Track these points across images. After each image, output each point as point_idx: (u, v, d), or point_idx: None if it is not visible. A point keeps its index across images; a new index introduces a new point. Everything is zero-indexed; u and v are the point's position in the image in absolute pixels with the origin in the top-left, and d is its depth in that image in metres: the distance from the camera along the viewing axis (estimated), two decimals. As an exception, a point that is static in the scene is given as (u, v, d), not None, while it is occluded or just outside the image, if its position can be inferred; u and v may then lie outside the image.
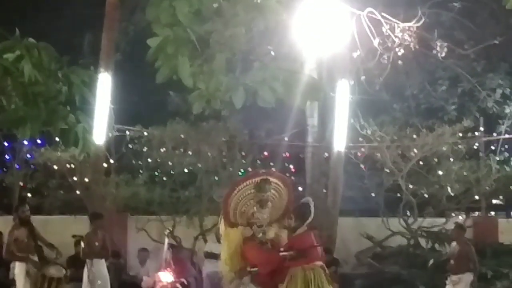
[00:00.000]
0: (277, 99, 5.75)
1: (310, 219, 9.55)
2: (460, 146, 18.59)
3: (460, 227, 15.52)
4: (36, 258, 12.93)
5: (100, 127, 16.19)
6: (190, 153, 18.66)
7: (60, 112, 5.90)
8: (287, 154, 21.08)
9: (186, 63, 5.93)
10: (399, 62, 15.59)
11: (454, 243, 15.04)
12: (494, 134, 19.81)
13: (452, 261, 14.78)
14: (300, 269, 9.35)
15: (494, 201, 21.57)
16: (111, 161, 18.95)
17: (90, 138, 6.18)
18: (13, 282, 13.79)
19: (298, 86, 6.11)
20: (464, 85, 20.54)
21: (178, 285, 11.52)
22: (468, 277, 14.58)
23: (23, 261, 12.68)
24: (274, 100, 5.67)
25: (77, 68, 6.21)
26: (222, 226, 9.71)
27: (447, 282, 14.84)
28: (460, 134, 18.42)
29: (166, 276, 11.47)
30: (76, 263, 14.62)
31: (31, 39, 6.16)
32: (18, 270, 12.68)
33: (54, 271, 13.05)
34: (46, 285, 12.60)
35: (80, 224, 17.21)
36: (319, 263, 9.58)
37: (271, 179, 9.64)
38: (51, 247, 13.45)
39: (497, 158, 18.94)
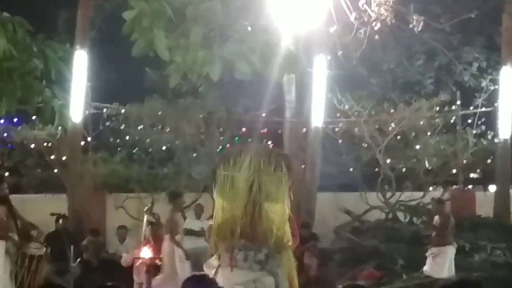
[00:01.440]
0: (254, 72, 5.73)
1: None
2: (437, 120, 18.67)
3: (438, 201, 15.63)
4: (15, 237, 12.86)
5: (77, 105, 16.14)
6: (168, 130, 18.63)
7: (36, 87, 5.87)
8: (265, 130, 21.07)
9: (162, 36, 5.91)
10: (376, 36, 15.64)
11: (437, 217, 15.15)
12: (471, 108, 19.89)
13: (433, 234, 14.88)
14: None
15: (471, 175, 21.65)
16: (89, 139, 18.87)
17: (67, 112, 6.15)
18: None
19: (275, 58, 6.09)
20: (440, 59, 20.62)
21: (157, 261, 11.47)
22: (450, 250, 14.67)
23: (2, 239, 12.59)
24: (251, 72, 5.65)
25: (52, 43, 6.17)
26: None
27: (427, 254, 14.92)
28: (437, 108, 18.51)
29: (146, 253, 11.44)
30: (55, 241, 14.56)
31: (5, 14, 6.10)
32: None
33: (34, 249, 13.00)
34: (27, 263, 12.55)
35: (58, 203, 17.18)
36: None
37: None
38: (31, 226, 13.37)
39: (474, 132, 19.04)
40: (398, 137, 18.78)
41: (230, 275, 9.29)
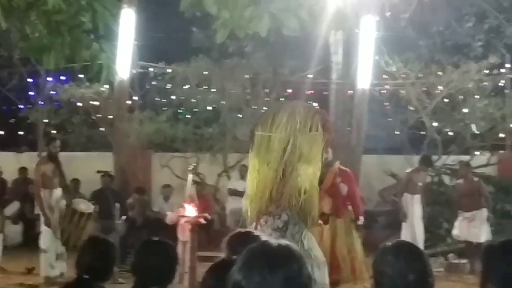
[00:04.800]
0: (302, 28, 5.66)
1: None
2: (485, 83, 18.38)
3: (466, 164, 15.49)
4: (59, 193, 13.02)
5: (124, 63, 16.22)
6: (213, 90, 18.63)
7: (84, 40, 5.86)
8: (311, 92, 20.94)
9: (210, -9, 5.86)
10: (425, -3, 15.40)
11: (460, 181, 15.03)
12: (520, 71, 19.62)
13: (462, 199, 14.76)
14: None
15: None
16: (135, 98, 18.97)
17: (114, 67, 6.13)
18: (38, 217, 13.93)
19: (323, 14, 6.01)
20: (490, 21, 20.28)
21: (201, 220, 11.50)
22: (483, 213, 14.55)
23: (48, 188, 12.75)
24: (299, 28, 5.58)
25: (100, -4, 6.14)
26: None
27: (458, 219, 14.81)
28: (486, 71, 18.19)
29: (190, 211, 11.47)
30: (100, 198, 14.70)
31: (53, -34, 6.08)
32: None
33: (84, 207, 13.17)
34: (76, 220, 12.71)
35: (104, 160, 17.32)
36: None
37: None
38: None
39: (523, 95, 18.77)
40: (446, 100, 18.54)
41: None
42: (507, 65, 20.21)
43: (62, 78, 20.05)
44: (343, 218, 11.10)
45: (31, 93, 20.82)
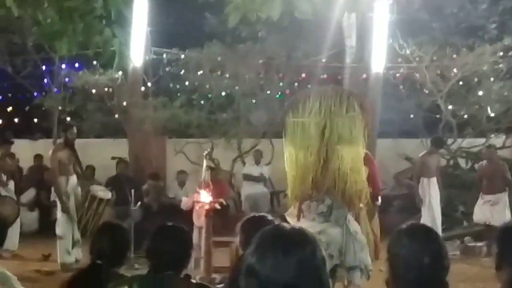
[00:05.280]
0: (315, 11, 5.63)
1: None
2: (501, 65, 18.25)
3: (491, 146, 15.45)
4: (75, 180, 13.08)
5: (137, 49, 16.22)
6: (227, 75, 18.62)
7: (96, 26, 5.85)
8: (325, 76, 20.88)
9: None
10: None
11: (484, 162, 14.97)
12: (536, 53, 19.45)
13: (484, 181, 14.71)
14: None
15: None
16: (149, 84, 18.95)
17: (127, 53, 6.13)
18: (54, 203, 14.00)
19: (336, -3, 6.00)
20: (505, 2, 20.13)
21: (216, 205, 11.51)
22: (506, 196, 14.52)
23: (64, 175, 12.81)
24: (312, 11, 5.55)
25: (112, -18, 6.13)
26: None
27: (480, 202, 14.77)
28: (501, 53, 18.08)
29: (205, 196, 11.48)
30: (116, 185, 14.75)
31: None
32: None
33: (103, 193, 13.24)
34: (95, 206, 12.79)
35: (119, 147, 17.36)
36: None
37: None
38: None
39: (539, 77, 18.63)
40: (460, 82, 18.47)
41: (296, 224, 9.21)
42: (522, 47, 20.07)
43: (76, 65, 20.08)
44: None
45: (45, 80, 20.84)
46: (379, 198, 11.24)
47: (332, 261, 8.74)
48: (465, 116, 18.71)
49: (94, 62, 17.96)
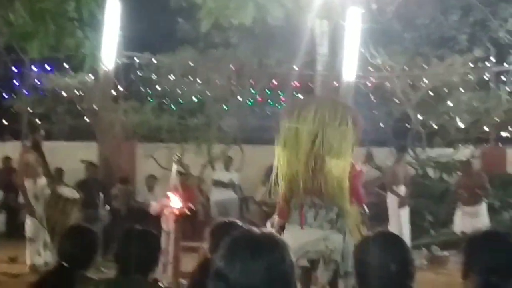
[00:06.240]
0: (287, 17, 5.65)
1: None
2: (470, 76, 18.45)
3: (464, 163, 15.58)
4: (43, 182, 13.00)
5: (109, 53, 16.16)
6: (199, 81, 18.61)
7: (68, 28, 5.83)
8: (297, 83, 20.95)
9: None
10: (411, -10, 15.40)
11: (463, 174, 15.10)
12: (505, 65, 19.65)
13: (463, 193, 14.82)
14: None
15: (503, 133, 21.42)
16: (120, 88, 18.91)
17: (98, 55, 6.11)
18: (22, 206, 13.89)
19: (309, 3, 6.00)
20: (476, 14, 20.34)
21: (185, 210, 11.48)
22: (484, 206, 14.64)
23: (31, 178, 12.72)
24: (284, 17, 5.57)
25: (84, -17, 6.10)
26: None
27: (458, 213, 14.89)
28: (471, 64, 18.28)
29: (174, 201, 11.45)
30: (84, 188, 14.67)
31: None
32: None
33: (69, 192, 13.14)
34: (61, 206, 12.67)
35: (88, 150, 17.27)
36: None
37: None
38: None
39: (508, 89, 18.78)
40: (430, 93, 18.62)
41: (300, 233, 9.18)
42: (492, 59, 20.26)
43: (47, 67, 19.99)
44: None
45: (15, 82, 20.72)
46: (365, 207, 11.27)
47: (333, 266, 8.87)
48: (435, 126, 18.85)
49: (65, 65, 17.91)
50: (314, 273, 9.48)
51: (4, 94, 21.68)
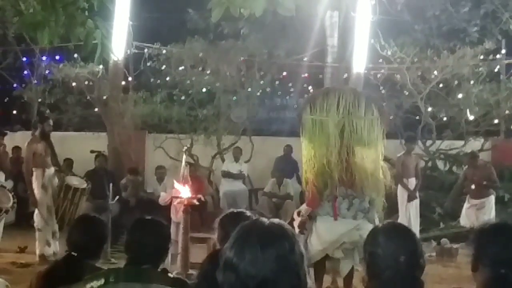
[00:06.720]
0: (297, 8, 5.63)
1: None
2: (481, 69, 18.34)
3: (471, 154, 15.51)
4: (52, 172, 13.01)
5: (119, 43, 16.18)
6: (208, 72, 18.59)
7: (79, 17, 5.83)
8: (306, 75, 20.93)
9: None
10: (422, -19, 15.33)
11: (470, 167, 15.05)
12: (516, 57, 19.59)
13: (471, 185, 14.80)
14: None
15: (513, 126, 21.35)
16: (129, 78, 18.93)
17: (109, 45, 6.10)
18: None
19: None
20: (486, 6, 20.23)
21: (195, 201, 11.48)
22: (491, 200, 14.60)
23: (39, 167, 12.74)
24: (294, 7, 5.55)
25: (95, -27, 6.08)
26: None
27: (466, 206, 14.87)
28: (481, 57, 18.18)
29: (184, 191, 11.46)
30: (94, 178, 14.68)
31: None
32: (35, 183, 12.76)
33: (77, 182, 13.16)
34: (70, 196, 12.70)
35: (98, 141, 17.28)
36: None
37: None
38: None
39: (518, 82, 18.72)
40: (441, 85, 18.53)
41: (333, 224, 9.18)
42: (503, 51, 20.18)
43: (57, 57, 20.02)
44: None
45: (25, 72, 20.76)
46: None
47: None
48: (445, 119, 18.82)
49: (75, 55, 17.94)
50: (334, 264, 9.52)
51: (14, 84, 21.70)
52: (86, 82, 18.29)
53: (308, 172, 9.25)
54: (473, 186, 14.72)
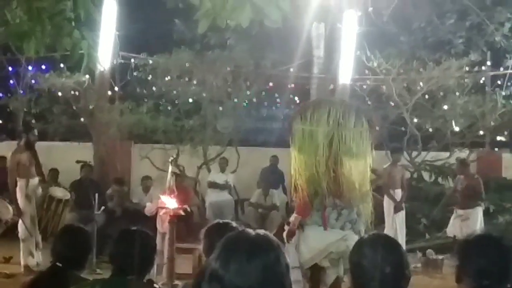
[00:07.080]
0: (284, 18, 5.65)
1: None
2: (466, 80, 18.43)
3: (462, 161, 15.54)
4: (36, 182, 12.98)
5: (105, 53, 16.16)
6: (195, 82, 18.59)
7: (65, 27, 5.83)
8: (293, 85, 20.96)
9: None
10: (407, -7, 15.40)
11: (461, 177, 15.05)
12: (501, 69, 19.65)
13: (459, 196, 14.83)
14: None
15: (498, 137, 21.44)
16: (116, 88, 18.92)
17: (95, 54, 6.10)
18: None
19: (306, 6, 6.00)
20: (472, 18, 20.34)
21: (181, 211, 11.45)
22: (478, 211, 14.60)
23: (23, 178, 12.69)
24: (281, 19, 5.57)
25: (82, -17, 6.08)
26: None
27: (453, 217, 14.90)
28: (467, 68, 18.25)
29: (170, 202, 11.43)
30: (79, 189, 14.65)
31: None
32: (19, 193, 12.71)
33: (61, 194, 13.13)
34: (54, 207, 12.67)
35: (84, 151, 17.24)
36: None
37: None
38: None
39: (503, 93, 18.72)
40: (426, 96, 18.60)
41: (322, 233, 9.21)
42: (488, 63, 20.29)
43: (43, 67, 19.97)
44: None
45: (11, 81, 20.70)
46: None
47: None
48: (430, 130, 18.87)
49: (61, 65, 17.91)
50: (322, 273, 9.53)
51: (-1, 93, 21.66)
52: (72, 92, 18.23)
53: (298, 180, 9.29)
54: (460, 197, 14.75)
